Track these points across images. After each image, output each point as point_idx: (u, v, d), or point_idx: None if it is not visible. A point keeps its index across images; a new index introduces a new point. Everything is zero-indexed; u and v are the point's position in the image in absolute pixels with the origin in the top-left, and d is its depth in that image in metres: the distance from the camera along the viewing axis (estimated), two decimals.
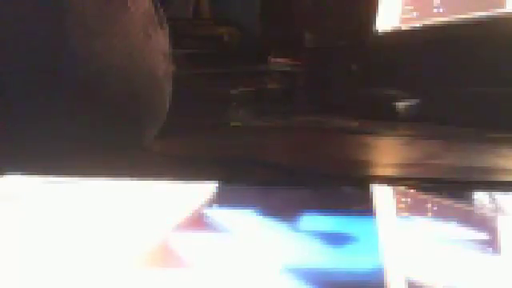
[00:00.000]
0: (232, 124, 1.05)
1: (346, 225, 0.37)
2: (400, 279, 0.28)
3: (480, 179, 0.52)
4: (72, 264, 0.29)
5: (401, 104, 1.04)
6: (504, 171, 0.56)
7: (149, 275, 0.28)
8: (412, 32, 1.16)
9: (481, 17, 0.99)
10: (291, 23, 1.52)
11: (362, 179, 0.53)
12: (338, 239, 0.33)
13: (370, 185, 0.49)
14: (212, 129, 0.98)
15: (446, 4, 1.08)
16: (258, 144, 0.81)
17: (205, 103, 1.19)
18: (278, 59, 1.41)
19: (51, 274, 0.28)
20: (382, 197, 0.48)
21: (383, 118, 1.01)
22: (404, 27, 1.19)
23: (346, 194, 0.47)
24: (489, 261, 0.31)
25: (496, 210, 0.43)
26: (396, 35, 1.21)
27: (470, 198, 0.47)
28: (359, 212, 0.41)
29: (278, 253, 0.31)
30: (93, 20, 0.58)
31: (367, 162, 0.66)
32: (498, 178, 0.54)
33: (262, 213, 0.39)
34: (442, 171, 0.56)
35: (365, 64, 1.30)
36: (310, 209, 0.41)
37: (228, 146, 0.77)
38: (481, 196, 0.46)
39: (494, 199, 0.45)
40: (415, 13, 1.16)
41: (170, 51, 0.71)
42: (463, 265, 0.30)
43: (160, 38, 0.68)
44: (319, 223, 0.37)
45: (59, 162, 0.53)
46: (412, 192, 0.49)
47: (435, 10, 1.09)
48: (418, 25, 1.14)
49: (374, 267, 0.29)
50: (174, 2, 1.46)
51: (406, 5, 1.19)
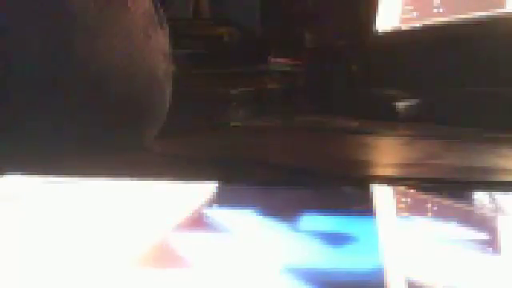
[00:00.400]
0: (232, 124, 1.05)
1: (346, 225, 0.37)
2: (400, 279, 0.28)
3: (480, 179, 0.52)
4: (72, 264, 0.29)
5: (401, 104, 1.04)
6: (504, 171, 0.56)
7: (149, 275, 0.28)
8: (412, 32, 1.16)
9: (481, 17, 0.99)
10: (291, 23, 1.52)
11: (362, 179, 0.53)
12: (338, 239, 0.33)
13: (370, 185, 0.49)
14: (212, 129, 0.98)
15: (446, 4, 1.08)
16: (258, 144, 0.81)
17: (205, 103, 1.19)
18: (278, 59, 1.41)
19: (51, 274, 0.28)
20: (382, 197, 0.48)
21: (383, 118, 1.01)
22: (404, 27, 1.19)
23: (346, 194, 0.47)
24: (489, 261, 0.31)
25: (496, 210, 0.43)
26: (396, 35, 1.21)
27: (470, 198, 0.47)
28: (359, 212, 0.41)
29: (278, 253, 0.31)
30: (93, 20, 0.58)
31: (367, 162, 0.66)
32: (498, 178, 0.54)
33: (262, 213, 0.39)
34: (442, 171, 0.56)
35: (365, 64, 1.30)
36: (310, 209, 0.41)
37: (228, 146, 0.77)
38: (481, 196, 0.46)
39: (494, 199, 0.45)
40: (415, 13, 1.16)
41: (170, 51, 0.71)
42: (463, 265, 0.30)
43: (160, 38, 0.68)
44: (319, 223, 0.37)
45: (59, 162, 0.53)
46: (412, 192, 0.49)
47: (435, 10, 1.10)
48: (418, 25, 1.14)
49: (374, 267, 0.29)
50: (174, 2, 1.46)
51: (406, 5, 1.19)
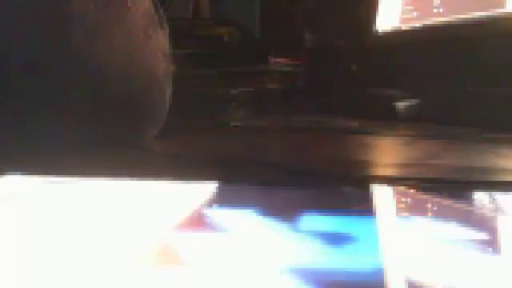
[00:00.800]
0: (232, 124, 1.05)
1: (346, 225, 0.37)
2: (400, 279, 0.28)
3: (480, 179, 0.52)
4: (72, 264, 0.29)
5: (401, 104, 1.04)
6: (504, 171, 0.56)
7: (149, 275, 0.28)
8: (412, 32, 1.15)
9: (481, 17, 0.99)
10: (291, 23, 1.52)
11: (362, 179, 0.53)
12: (338, 239, 0.33)
13: (370, 185, 0.49)
14: (212, 129, 0.98)
15: (446, 4, 1.08)
16: (258, 144, 0.81)
17: (205, 103, 1.19)
18: (278, 59, 1.41)
19: (52, 275, 0.28)
20: (382, 197, 0.48)
21: (383, 118, 1.01)
22: (404, 27, 1.19)
23: (346, 194, 0.47)
24: (489, 261, 0.31)
25: (496, 210, 0.43)
26: (396, 35, 1.21)
27: (470, 198, 0.47)
28: (359, 212, 0.41)
29: (278, 253, 0.31)
30: (93, 21, 0.58)
31: (367, 162, 0.66)
32: (498, 178, 0.54)
33: (262, 213, 0.39)
34: (442, 171, 0.56)
35: (365, 64, 1.30)
36: (310, 209, 0.41)
37: (228, 146, 0.77)
38: (481, 196, 0.46)
39: (494, 199, 0.45)
40: (415, 13, 1.16)
41: (170, 51, 0.71)
42: (463, 265, 0.30)
43: (160, 38, 0.68)
44: (319, 223, 0.37)
45: (59, 162, 0.53)
46: (412, 192, 0.49)
47: (435, 10, 1.10)
48: (418, 25, 1.14)
49: (374, 267, 0.29)
50: (174, 2, 1.46)
51: (406, 5, 1.19)
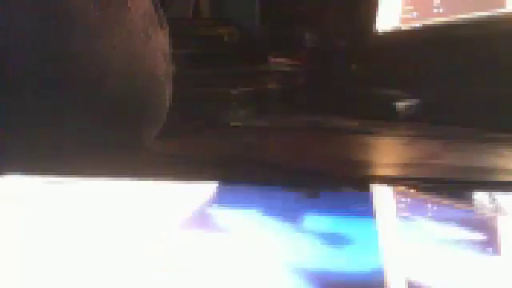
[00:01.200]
0: (232, 124, 1.05)
1: (346, 225, 0.37)
2: (400, 279, 0.28)
3: (480, 179, 0.52)
4: (71, 264, 0.29)
5: (401, 104, 1.04)
6: (504, 171, 0.56)
7: (149, 275, 0.28)
8: (412, 32, 1.15)
9: (481, 17, 0.99)
10: (291, 23, 1.52)
11: (362, 179, 0.53)
12: (338, 239, 0.33)
13: (370, 185, 0.49)
14: (212, 129, 0.98)
15: (446, 4, 1.08)
16: (258, 144, 0.81)
17: (205, 103, 1.19)
18: (278, 59, 1.41)
19: (52, 275, 0.28)
20: (382, 197, 0.48)
21: (383, 118, 1.01)
22: (404, 27, 1.19)
23: (346, 194, 0.47)
24: (489, 261, 0.31)
25: (496, 210, 0.43)
26: (396, 35, 1.21)
27: (470, 198, 0.47)
28: (359, 212, 0.41)
29: (278, 253, 0.31)
30: (93, 20, 0.58)
31: (367, 162, 0.66)
32: (498, 178, 0.54)
33: (262, 213, 0.39)
34: (442, 171, 0.56)
35: (365, 64, 1.30)
36: (310, 209, 0.41)
37: (228, 146, 0.77)
38: (481, 196, 0.46)
39: (494, 199, 0.45)
40: (415, 13, 1.16)
41: (170, 51, 0.71)
42: (463, 265, 0.30)
43: (160, 38, 0.68)
44: (319, 223, 0.37)
45: (59, 162, 0.53)
46: (412, 192, 0.49)
47: (435, 10, 1.09)
48: (418, 25, 1.14)
49: (374, 267, 0.29)
50: (174, 2, 1.46)
51: (406, 5, 1.19)
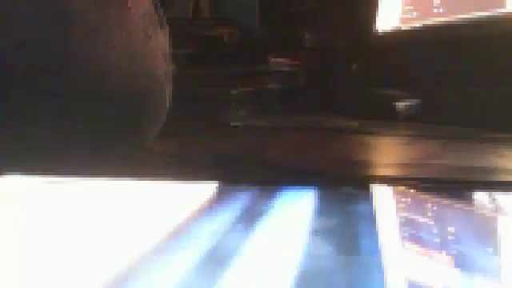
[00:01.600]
0: (232, 124, 1.05)
1: (346, 225, 0.37)
2: (400, 279, 0.28)
3: (480, 179, 0.52)
4: (71, 264, 0.29)
5: (401, 104, 1.04)
6: (504, 171, 0.56)
7: (148, 275, 0.28)
8: (412, 32, 1.15)
9: (481, 17, 0.99)
10: (291, 23, 1.52)
11: (362, 179, 0.53)
12: (338, 239, 0.33)
13: (370, 185, 0.49)
14: (212, 129, 0.98)
15: (446, 4, 1.08)
16: (258, 144, 0.81)
17: (205, 103, 1.19)
18: (278, 59, 1.41)
19: (51, 274, 0.28)
20: (382, 197, 0.48)
21: (383, 118, 1.01)
22: (404, 27, 1.19)
23: (346, 194, 0.47)
24: (489, 261, 0.31)
25: (496, 210, 0.43)
26: (396, 35, 1.21)
27: (470, 198, 0.47)
28: (359, 212, 0.41)
29: (278, 253, 0.31)
30: (93, 21, 0.58)
31: (367, 162, 0.66)
32: (498, 178, 0.54)
33: (262, 213, 0.39)
34: (442, 171, 0.56)
35: (365, 64, 1.30)
36: (310, 209, 0.41)
37: (228, 146, 0.77)
38: (481, 196, 0.46)
39: (494, 199, 0.45)
40: (415, 13, 1.16)
41: (170, 51, 0.71)
42: (463, 265, 0.30)
43: (160, 38, 0.68)
44: (319, 223, 0.37)
45: (59, 162, 0.53)
46: (412, 192, 0.49)
47: (435, 10, 1.10)
48: (418, 25, 1.14)
49: (374, 267, 0.29)
50: (174, 2, 1.46)
51: (406, 5, 1.19)
